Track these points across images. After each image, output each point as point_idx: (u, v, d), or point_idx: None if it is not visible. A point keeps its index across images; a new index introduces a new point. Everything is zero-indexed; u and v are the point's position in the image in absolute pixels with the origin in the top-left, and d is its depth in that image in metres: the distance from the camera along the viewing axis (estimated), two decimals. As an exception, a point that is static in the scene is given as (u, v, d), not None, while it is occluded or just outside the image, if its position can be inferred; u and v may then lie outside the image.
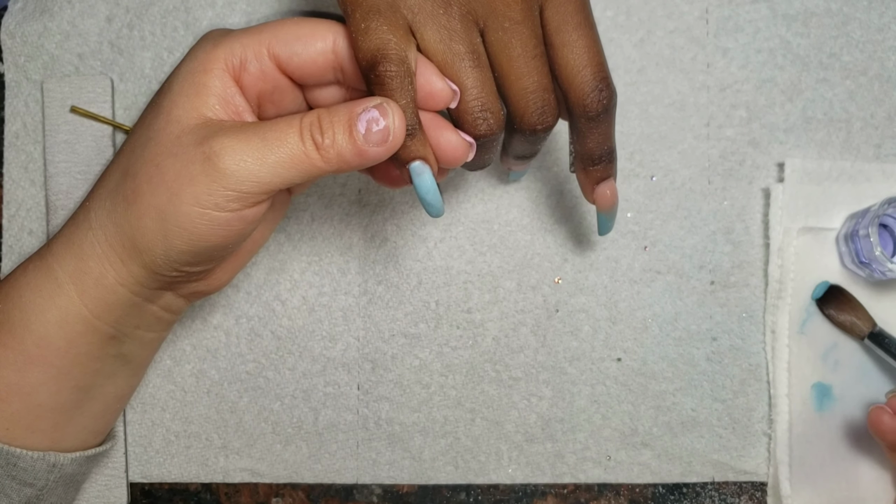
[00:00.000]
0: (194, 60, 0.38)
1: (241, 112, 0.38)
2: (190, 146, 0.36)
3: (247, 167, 0.35)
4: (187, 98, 0.37)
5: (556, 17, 0.37)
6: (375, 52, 0.35)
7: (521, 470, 0.50)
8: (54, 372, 0.40)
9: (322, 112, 0.36)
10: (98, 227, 0.38)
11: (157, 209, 0.36)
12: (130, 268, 0.38)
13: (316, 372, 0.50)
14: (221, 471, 0.50)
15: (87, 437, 0.44)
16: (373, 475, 0.50)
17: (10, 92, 0.50)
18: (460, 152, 0.37)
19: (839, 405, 0.49)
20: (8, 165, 0.50)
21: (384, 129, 0.35)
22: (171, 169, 0.36)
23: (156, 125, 0.37)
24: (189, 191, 0.35)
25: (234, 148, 0.35)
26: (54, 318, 0.39)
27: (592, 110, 0.38)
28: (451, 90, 0.36)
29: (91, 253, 0.39)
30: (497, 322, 0.50)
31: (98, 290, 0.39)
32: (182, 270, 0.39)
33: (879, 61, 0.50)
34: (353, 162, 0.36)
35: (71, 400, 0.41)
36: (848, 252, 0.48)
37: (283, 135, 0.36)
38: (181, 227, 0.36)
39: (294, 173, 0.36)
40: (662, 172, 0.50)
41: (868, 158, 0.50)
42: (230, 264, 0.42)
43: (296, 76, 0.38)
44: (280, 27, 0.37)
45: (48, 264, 0.40)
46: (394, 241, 0.50)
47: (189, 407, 0.50)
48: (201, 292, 0.43)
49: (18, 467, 0.40)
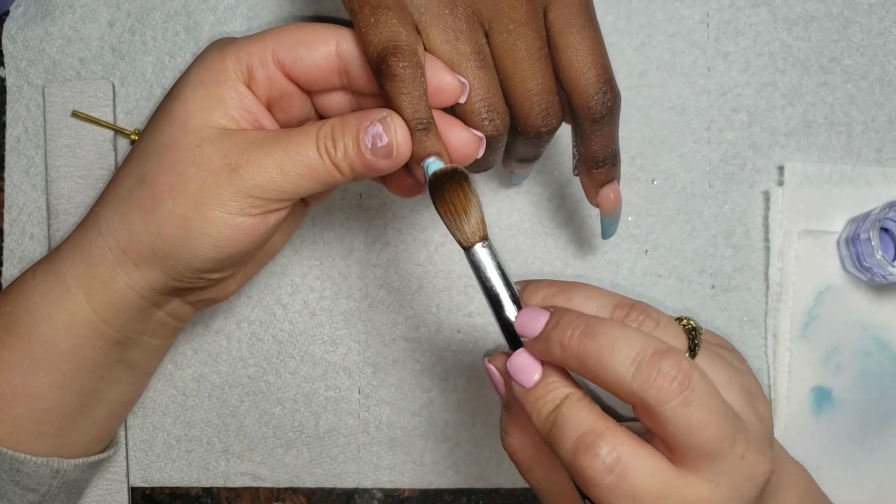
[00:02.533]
0: (205, 71, 0.38)
1: (261, 119, 0.39)
2: (213, 157, 0.37)
3: (270, 178, 0.36)
4: (204, 110, 0.38)
5: (560, 20, 0.37)
6: (386, 43, 0.35)
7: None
8: (59, 376, 0.40)
9: (335, 123, 0.37)
10: (108, 232, 0.39)
11: (180, 217, 0.37)
12: (146, 272, 0.38)
13: (317, 376, 0.50)
14: (222, 475, 0.50)
15: (90, 443, 0.43)
16: (374, 479, 0.50)
17: (12, 96, 0.50)
18: (471, 148, 0.37)
19: (839, 409, 0.49)
20: (9, 170, 0.50)
21: (388, 144, 0.35)
22: (194, 178, 0.36)
23: (170, 133, 0.38)
24: (214, 198, 0.36)
25: (259, 160, 0.36)
26: (61, 322, 0.39)
27: (596, 113, 0.38)
28: (460, 84, 0.36)
29: (101, 258, 0.39)
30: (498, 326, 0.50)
31: (107, 293, 0.39)
32: (202, 277, 0.39)
33: (880, 65, 0.50)
34: (365, 173, 0.37)
35: (75, 405, 0.41)
36: (849, 256, 0.48)
37: (302, 147, 0.36)
38: (207, 233, 0.37)
39: (315, 183, 0.37)
40: (663, 176, 0.50)
41: (869, 162, 0.50)
42: (242, 272, 0.43)
43: (301, 81, 0.38)
44: (283, 33, 0.38)
45: (57, 268, 0.40)
46: (395, 246, 0.50)
47: (190, 411, 0.50)
48: (210, 300, 0.43)
49: (22, 472, 0.40)
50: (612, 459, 0.30)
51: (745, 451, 0.31)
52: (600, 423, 0.31)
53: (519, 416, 0.36)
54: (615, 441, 0.31)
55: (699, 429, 0.30)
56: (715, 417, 0.30)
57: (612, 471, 0.30)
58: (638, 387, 0.30)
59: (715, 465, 0.31)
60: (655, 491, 0.30)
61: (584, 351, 0.31)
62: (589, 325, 0.31)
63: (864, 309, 0.49)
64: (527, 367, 0.34)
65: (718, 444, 0.30)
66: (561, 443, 0.31)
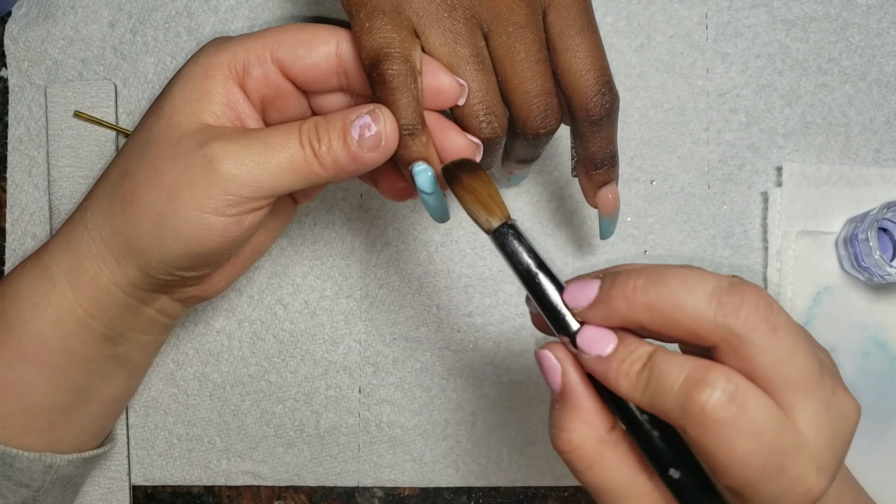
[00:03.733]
0: (196, 66, 0.38)
1: (245, 118, 0.38)
2: (191, 149, 0.36)
3: (247, 171, 0.35)
4: (188, 103, 0.37)
5: (559, 22, 0.38)
6: (378, 50, 0.35)
7: (523, 472, 0.50)
8: (49, 371, 0.40)
9: (319, 119, 0.36)
10: (94, 227, 0.38)
11: (154, 211, 0.36)
12: (125, 268, 0.38)
13: (318, 375, 0.50)
14: (224, 473, 0.50)
15: (84, 438, 0.43)
16: (374, 478, 0.50)
17: (14, 97, 0.50)
18: (467, 153, 0.37)
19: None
20: (11, 170, 0.50)
21: (376, 134, 0.35)
22: (170, 171, 0.36)
23: (156, 129, 0.38)
24: (188, 193, 0.35)
25: (236, 152, 0.35)
26: (49, 317, 0.39)
27: (595, 114, 0.38)
28: (458, 85, 0.36)
29: (87, 252, 0.39)
30: (498, 325, 0.50)
31: (92, 289, 0.39)
32: (176, 275, 0.38)
33: (878, 66, 0.50)
34: (349, 168, 0.36)
35: (67, 400, 0.41)
36: (847, 256, 0.48)
37: (284, 140, 0.36)
38: (178, 230, 0.36)
39: (294, 179, 0.36)
40: (662, 177, 0.50)
41: (867, 163, 0.50)
42: (227, 270, 0.42)
43: (299, 81, 0.38)
44: (283, 32, 0.38)
45: (44, 263, 0.40)
46: (395, 246, 0.50)
47: (191, 410, 0.50)
48: (197, 297, 0.42)
49: (14, 468, 0.40)
50: (733, 388, 0.28)
51: (833, 385, 0.29)
52: (703, 361, 0.29)
53: (578, 405, 0.32)
54: (729, 372, 0.28)
55: (789, 355, 0.28)
56: (801, 345, 0.29)
57: (734, 400, 0.28)
58: (723, 318, 0.28)
59: (811, 401, 0.29)
60: (773, 428, 0.28)
61: (655, 297, 0.29)
62: (650, 273, 0.30)
63: (862, 309, 0.50)
64: (600, 335, 0.31)
65: (809, 373, 0.29)
66: (664, 391, 0.29)
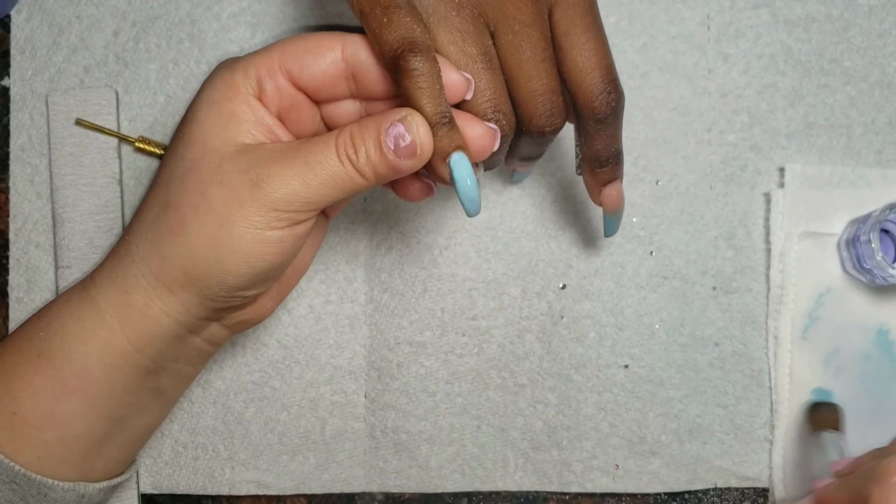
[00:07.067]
0: (214, 90, 0.38)
1: (275, 130, 0.39)
2: (235, 174, 0.36)
3: (294, 190, 0.36)
4: (218, 127, 0.37)
5: (564, 20, 0.38)
6: (402, 40, 0.35)
7: (528, 477, 0.50)
8: (90, 403, 0.40)
9: (353, 129, 0.36)
10: (140, 259, 0.39)
11: (208, 237, 0.37)
12: (180, 297, 0.38)
13: (323, 381, 0.50)
14: (228, 483, 0.50)
15: (113, 467, 0.43)
16: (380, 484, 0.50)
17: (16, 105, 0.50)
18: (487, 140, 0.37)
19: (841, 411, 0.49)
20: (14, 178, 0.50)
21: (411, 143, 0.35)
22: (217, 197, 0.36)
23: (190, 155, 0.38)
24: (240, 214, 0.36)
25: (280, 174, 0.36)
26: (94, 350, 0.39)
27: (601, 112, 0.38)
28: (465, 80, 0.36)
29: (135, 285, 0.39)
30: (502, 329, 0.50)
31: (142, 321, 0.39)
32: (235, 295, 0.39)
33: (880, 67, 0.50)
34: (389, 175, 0.37)
35: (103, 431, 0.41)
36: (849, 257, 0.48)
37: (322, 156, 0.36)
38: (236, 250, 0.36)
39: (338, 191, 0.37)
40: (667, 177, 0.50)
41: (869, 164, 0.50)
42: (276, 291, 0.43)
43: (310, 89, 0.38)
44: (288, 43, 0.38)
45: (91, 296, 0.40)
46: (399, 249, 0.50)
47: (195, 418, 0.50)
48: (246, 322, 0.43)
49: (49, 498, 0.40)
50: None
51: None
52: None
53: None
54: None
55: None
56: None
57: None
58: None
59: None
60: None
61: None
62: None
63: (864, 311, 0.50)
64: None
65: None
66: None
